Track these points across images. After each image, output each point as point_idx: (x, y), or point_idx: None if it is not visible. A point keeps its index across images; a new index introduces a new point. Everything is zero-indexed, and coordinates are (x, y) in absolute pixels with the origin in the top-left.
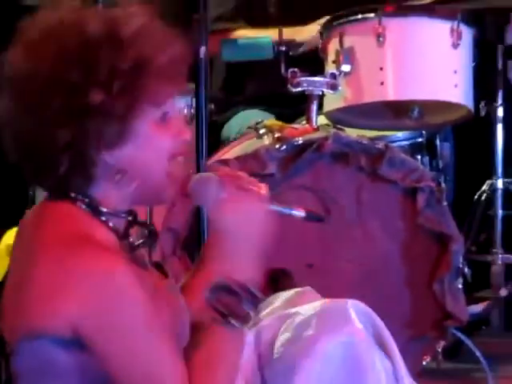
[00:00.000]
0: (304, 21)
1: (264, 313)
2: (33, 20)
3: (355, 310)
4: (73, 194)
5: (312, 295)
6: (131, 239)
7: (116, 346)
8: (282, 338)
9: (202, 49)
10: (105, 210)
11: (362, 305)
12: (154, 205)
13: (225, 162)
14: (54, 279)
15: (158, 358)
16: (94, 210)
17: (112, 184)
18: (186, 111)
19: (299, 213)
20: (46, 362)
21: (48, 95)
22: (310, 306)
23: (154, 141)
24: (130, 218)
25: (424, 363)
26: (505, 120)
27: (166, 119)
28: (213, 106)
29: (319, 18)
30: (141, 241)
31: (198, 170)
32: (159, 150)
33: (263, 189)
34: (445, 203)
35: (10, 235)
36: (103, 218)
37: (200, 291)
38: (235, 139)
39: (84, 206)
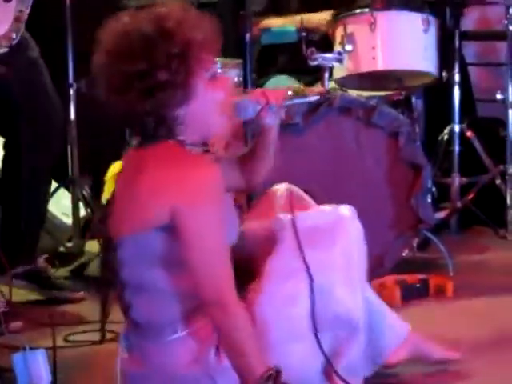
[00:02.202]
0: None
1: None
2: (104, 30)
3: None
4: (165, 137)
5: None
6: None
7: (194, 230)
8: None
9: (247, 35)
10: (188, 143)
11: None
12: (214, 137)
13: None
14: (162, 180)
15: (219, 251)
16: (182, 144)
17: (186, 128)
18: (236, 79)
19: (314, 97)
20: (143, 248)
21: (128, 83)
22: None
23: (209, 93)
24: (205, 148)
25: (404, 254)
26: (459, 84)
27: (215, 78)
28: (254, 75)
29: (327, 9)
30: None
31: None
32: (214, 99)
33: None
34: (418, 142)
35: (115, 166)
36: (188, 148)
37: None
38: None
39: (174, 142)
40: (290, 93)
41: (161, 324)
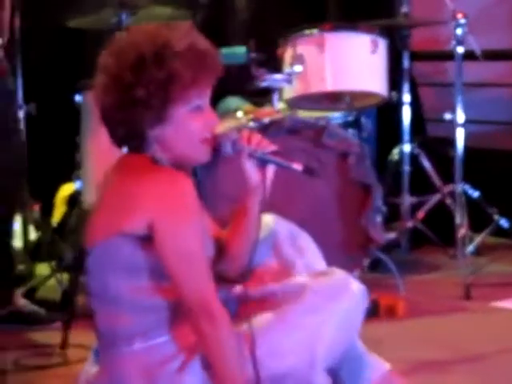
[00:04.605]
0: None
1: None
2: (114, 39)
3: (278, 222)
4: (137, 150)
5: None
6: None
7: (172, 239)
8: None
9: None
10: (161, 162)
11: (284, 221)
12: (188, 166)
13: None
14: (140, 193)
15: (199, 262)
16: (155, 160)
17: (161, 149)
18: None
19: (297, 167)
20: (113, 255)
21: (110, 88)
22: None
23: (187, 124)
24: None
25: (354, 274)
26: (409, 104)
27: (199, 110)
28: None
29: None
30: None
31: None
32: (191, 131)
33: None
34: (368, 162)
35: (65, 189)
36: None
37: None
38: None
39: (149, 157)
40: (240, 114)
41: (117, 334)
